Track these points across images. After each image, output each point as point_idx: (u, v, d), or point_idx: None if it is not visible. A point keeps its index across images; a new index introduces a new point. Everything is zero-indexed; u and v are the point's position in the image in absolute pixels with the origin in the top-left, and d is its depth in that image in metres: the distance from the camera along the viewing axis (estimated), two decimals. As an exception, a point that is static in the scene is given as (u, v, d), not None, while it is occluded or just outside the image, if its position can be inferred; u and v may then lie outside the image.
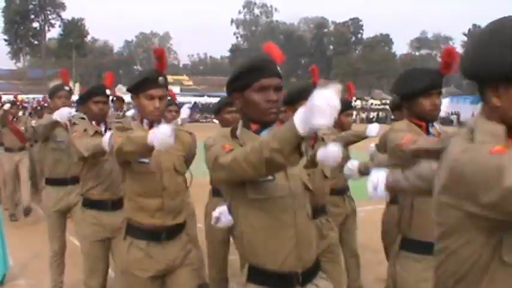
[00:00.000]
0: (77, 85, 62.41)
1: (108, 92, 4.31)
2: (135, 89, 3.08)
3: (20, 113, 10.61)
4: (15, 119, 9.02)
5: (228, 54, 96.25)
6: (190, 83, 71.57)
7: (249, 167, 1.92)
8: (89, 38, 76.15)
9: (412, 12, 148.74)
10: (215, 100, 7.37)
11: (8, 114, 8.77)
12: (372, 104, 57.09)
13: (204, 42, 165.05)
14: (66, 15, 72.54)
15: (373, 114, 52.59)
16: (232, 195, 2.26)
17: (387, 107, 54.07)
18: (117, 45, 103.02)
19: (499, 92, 1.50)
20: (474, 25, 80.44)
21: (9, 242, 5.87)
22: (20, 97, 18.32)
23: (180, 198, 3.25)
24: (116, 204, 4.09)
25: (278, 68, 2.30)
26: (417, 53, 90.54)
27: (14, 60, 75.02)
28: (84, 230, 4.22)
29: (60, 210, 5.08)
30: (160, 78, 3.05)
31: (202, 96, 56.50)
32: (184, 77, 74.17)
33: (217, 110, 4.55)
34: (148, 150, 2.75)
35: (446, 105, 50.06)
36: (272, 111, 2.24)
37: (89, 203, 4.22)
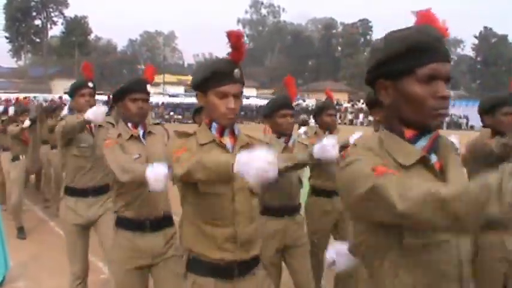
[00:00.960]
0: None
1: (149, 88, 3.66)
2: (202, 85, 2.47)
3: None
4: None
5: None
6: (195, 83, 71.37)
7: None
8: (92, 36, 76.36)
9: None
10: None
11: (24, 131, 8.21)
12: (380, 107, 56.96)
13: (210, 42, 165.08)
14: (69, 12, 73.02)
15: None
16: (371, 238, 1.63)
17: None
18: (120, 43, 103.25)
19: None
20: (485, 27, 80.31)
21: (9, 244, 5.89)
22: (17, 95, 17.82)
23: (255, 226, 2.61)
24: (156, 225, 3.54)
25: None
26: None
27: (15, 58, 75.40)
28: (117, 255, 3.56)
29: (81, 225, 4.48)
30: (236, 71, 2.43)
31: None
32: (189, 77, 74.15)
33: (269, 113, 4.08)
34: (230, 178, 2.23)
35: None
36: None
37: (123, 223, 3.53)
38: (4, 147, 8.93)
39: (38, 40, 73.18)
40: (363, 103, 58.90)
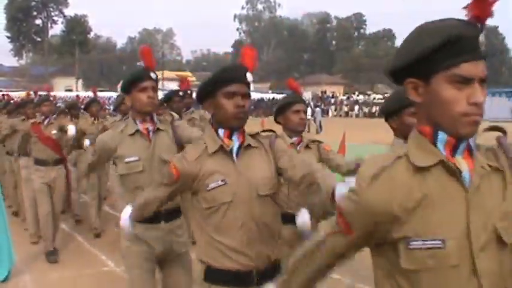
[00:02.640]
0: (80, 82, 62.65)
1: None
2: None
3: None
4: (52, 118, 6.60)
5: (231, 50, 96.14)
6: (193, 79, 71.37)
7: None
8: (91, 34, 76.11)
9: (415, 8, 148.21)
10: None
11: (36, 124, 6.48)
12: (374, 98, 56.96)
13: (207, 38, 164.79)
14: (69, 11, 72.53)
15: (375, 109, 52.50)
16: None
17: (390, 101, 54.24)
18: (120, 41, 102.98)
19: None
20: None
21: (14, 238, 5.90)
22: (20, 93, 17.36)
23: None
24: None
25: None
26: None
27: (17, 57, 75.19)
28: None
29: (146, 257, 3.33)
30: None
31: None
32: (187, 73, 74.04)
33: (281, 109, 3.87)
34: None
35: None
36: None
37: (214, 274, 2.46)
38: (24, 152, 7.24)
39: (38, 39, 72.93)
40: (358, 95, 58.94)
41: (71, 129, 6.28)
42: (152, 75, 3.11)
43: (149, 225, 3.22)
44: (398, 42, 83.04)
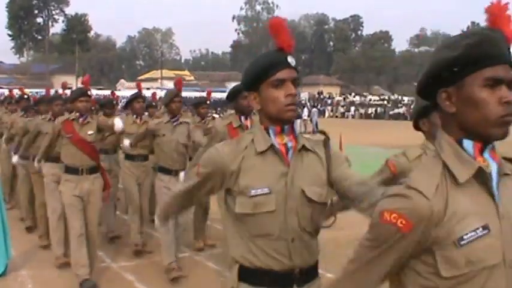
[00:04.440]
0: (80, 80, 62.50)
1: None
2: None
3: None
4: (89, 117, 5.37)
5: (229, 50, 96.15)
6: (192, 78, 71.48)
7: None
8: (92, 33, 76.06)
9: (411, 10, 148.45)
10: (216, 95, 7.53)
11: (69, 122, 5.26)
12: (370, 100, 57.02)
13: (206, 38, 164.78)
14: (70, 10, 72.54)
15: (371, 110, 52.56)
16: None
17: (385, 102, 54.28)
18: (119, 40, 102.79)
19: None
20: (473, 23, 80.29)
21: (12, 234, 5.89)
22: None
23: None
24: None
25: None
26: (416, 50, 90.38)
27: (18, 55, 75.27)
28: None
29: None
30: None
31: (204, 91, 56.44)
32: (186, 73, 74.03)
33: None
34: None
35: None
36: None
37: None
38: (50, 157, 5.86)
39: (39, 37, 72.90)
40: (354, 96, 58.96)
41: (118, 124, 5.28)
42: (291, 61, 2.06)
43: None
44: (394, 44, 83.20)
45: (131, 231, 6.36)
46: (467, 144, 1.43)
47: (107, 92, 43.88)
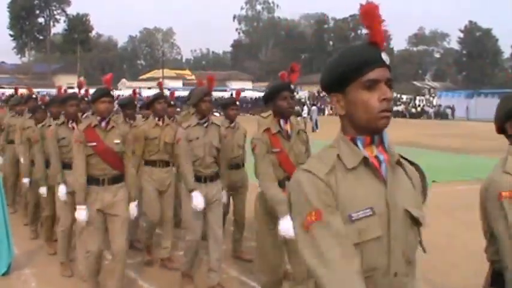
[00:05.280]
0: (77, 81, 62.47)
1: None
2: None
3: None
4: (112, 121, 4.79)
5: (230, 49, 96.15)
6: (193, 77, 71.44)
7: None
8: (93, 33, 76.07)
9: (410, 9, 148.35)
10: (217, 94, 7.24)
11: (91, 129, 4.61)
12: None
13: (207, 38, 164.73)
14: (71, 10, 72.58)
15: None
16: None
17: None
18: (121, 40, 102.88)
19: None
20: (470, 21, 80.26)
21: (15, 232, 5.88)
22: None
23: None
24: None
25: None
26: (415, 49, 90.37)
27: (20, 55, 75.26)
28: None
29: None
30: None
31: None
32: (187, 72, 74.03)
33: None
34: None
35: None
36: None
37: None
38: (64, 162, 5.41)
39: (41, 37, 72.96)
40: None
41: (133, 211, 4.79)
42: (385, 58, 1.69)
43: None
44: (393, 43, 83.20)
45: (143, 238, 6.01)
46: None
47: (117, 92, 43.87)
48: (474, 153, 16.77)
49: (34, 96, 8.28)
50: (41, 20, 72.24)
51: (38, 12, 71.17)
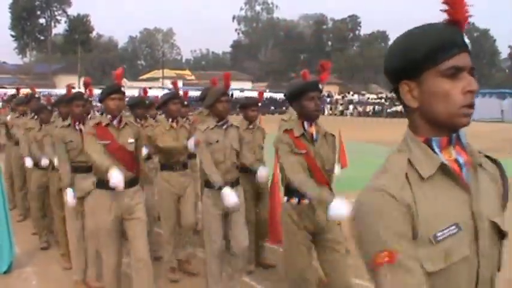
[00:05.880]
0: (82, 80, 62.55)
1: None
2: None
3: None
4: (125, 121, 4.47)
5: (229, 50, 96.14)
6: (193, 77, 71.47)
7: None
8: (94, 33, 76.05)
9: (408, 10, 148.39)
10: None
11: (103, 127, 4.29)
12: (368, 98, 56.99)
13: (206, 38, 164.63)
14: (72, 11, 72.63)
15: (369, 108, 52.60)
16: None
17: (383, 100, 54.19)
18: (121, 40, 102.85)
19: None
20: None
21: (17, 232, 5.88)
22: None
23: None
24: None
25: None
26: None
27: (21, 56, 75.09)
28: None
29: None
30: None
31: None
32: (187, 72, 74.05)
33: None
34: None
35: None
36: None
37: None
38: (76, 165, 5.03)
39: (42, 38, 72.92)
40: (352, 95, 58.93)
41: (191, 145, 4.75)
42: (468, 42, 1.41)
43: None
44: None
45: (165, 253, 5.40)
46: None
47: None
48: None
49: (37, 96, 8.00)
50: (42, 20, 72.27)
51: (39, 13, 71.14)
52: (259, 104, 5.82)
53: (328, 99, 57.04)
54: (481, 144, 20.41)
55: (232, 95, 5.24)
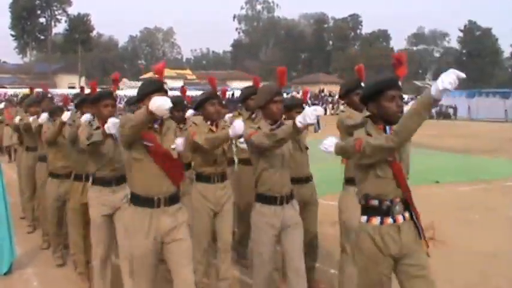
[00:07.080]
0: (83, 79, 62.53)
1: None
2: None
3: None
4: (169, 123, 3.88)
5: (230, 49, 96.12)
6: (193, 77, 71.40)
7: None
8: (94, 33, 76.06)
9: (409, 9, 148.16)
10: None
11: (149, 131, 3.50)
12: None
13: (207, 38, 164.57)
14: (72, 10, 72.51)
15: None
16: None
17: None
18: (121, 40, 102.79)
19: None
20: (470, 21, 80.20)
21: (18, 233, 5.87)
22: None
23: None
24: None
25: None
26: (414, 48, 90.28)
27: (21, 55, 75.15)
28: None
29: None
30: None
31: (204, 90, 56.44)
32: (188, 71, 73.96)
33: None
34: None
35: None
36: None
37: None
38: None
39: (42, 37, 72.92)
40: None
41: (238, 126, 4.00)
42: None
43: None
44: (392, 43, 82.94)
45: (195, 273, 4.07)
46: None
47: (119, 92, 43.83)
48: (477, 154, 16.62)
49: (50, 95, 7.54)
50: (42, 20, 72.23)
51: (39, 12, 71.12)
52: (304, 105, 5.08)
53: (330, 99, 57.04)
54: (484, 144, 20.31)
55: (233, 94, 5.08)
